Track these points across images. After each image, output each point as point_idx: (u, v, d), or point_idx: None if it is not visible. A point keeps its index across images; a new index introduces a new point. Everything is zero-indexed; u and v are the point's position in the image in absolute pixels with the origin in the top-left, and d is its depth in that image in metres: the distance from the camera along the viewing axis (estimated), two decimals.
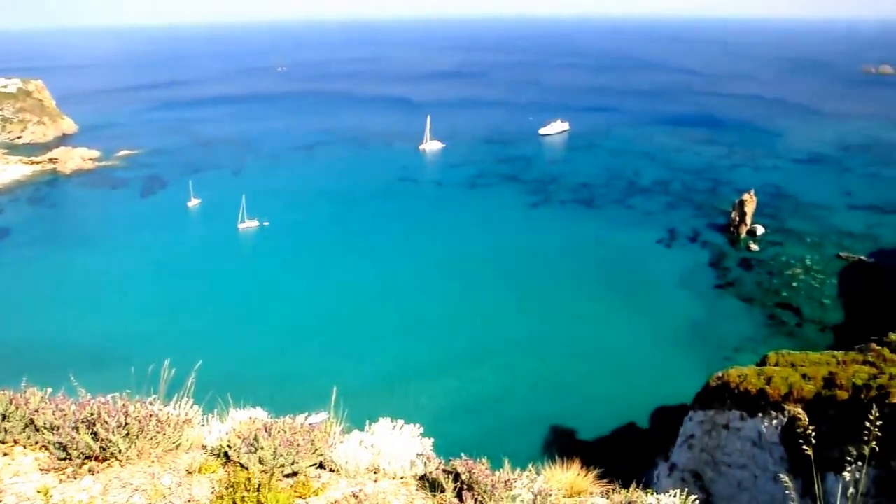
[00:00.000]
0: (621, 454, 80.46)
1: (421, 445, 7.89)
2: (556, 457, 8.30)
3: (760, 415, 53.46)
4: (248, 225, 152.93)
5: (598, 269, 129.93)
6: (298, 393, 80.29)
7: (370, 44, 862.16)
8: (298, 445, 8.26)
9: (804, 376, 53.08)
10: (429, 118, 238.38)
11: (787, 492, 4.62)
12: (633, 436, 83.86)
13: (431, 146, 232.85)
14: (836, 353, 70.59)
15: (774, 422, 50.86)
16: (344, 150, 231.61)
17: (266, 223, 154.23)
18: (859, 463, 44.13)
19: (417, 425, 7.94)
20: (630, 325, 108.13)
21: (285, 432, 8.45)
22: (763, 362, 65.62)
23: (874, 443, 4.46)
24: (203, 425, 9.59)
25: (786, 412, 50.07)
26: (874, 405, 35.75)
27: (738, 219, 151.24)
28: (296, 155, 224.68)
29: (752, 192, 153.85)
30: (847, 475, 42.98)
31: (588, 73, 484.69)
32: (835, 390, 47.42)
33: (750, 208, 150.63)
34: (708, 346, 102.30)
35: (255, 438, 8.25)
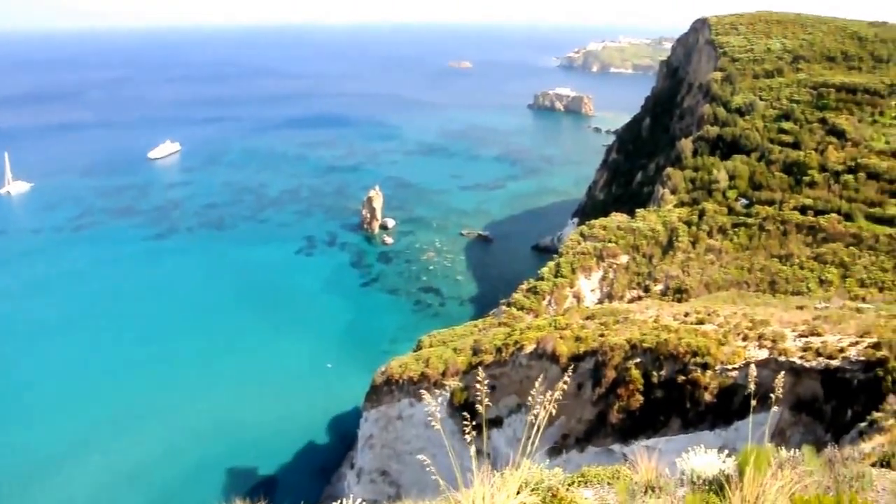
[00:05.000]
0: (305, 475, 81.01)
1: None
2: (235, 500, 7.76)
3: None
4: None
5: (244, 293, 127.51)
6: None
7: None
8: None
9: (455, 350, 59.44)
10: (7, 155, 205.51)
11: (428, 468, 4.95)
12: (316, 451, 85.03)
13: (16, 188, 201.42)
14: (476, 322, 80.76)
15: (440, 399, 55.95)
16: None
17: None
18: (513, 415, 51.09)
19: None
20: (289, 342, 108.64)
21: None
22: (419, 347, 71.88)
23: (487, 400, 4.96)
24: None
25: (447, 387, 55.49)
26: (480, 367, 41.29)
27: (369, 216, 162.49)
28: None
29: (378, 188, 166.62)
30: (488, 431, 49.10)
31: (198, 85, 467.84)
32: (482, 356, 53.96)
33: (378, 203, 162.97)
34: (367, 344, 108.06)
35: None
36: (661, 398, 41.00)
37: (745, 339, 39.52)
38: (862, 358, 32.53)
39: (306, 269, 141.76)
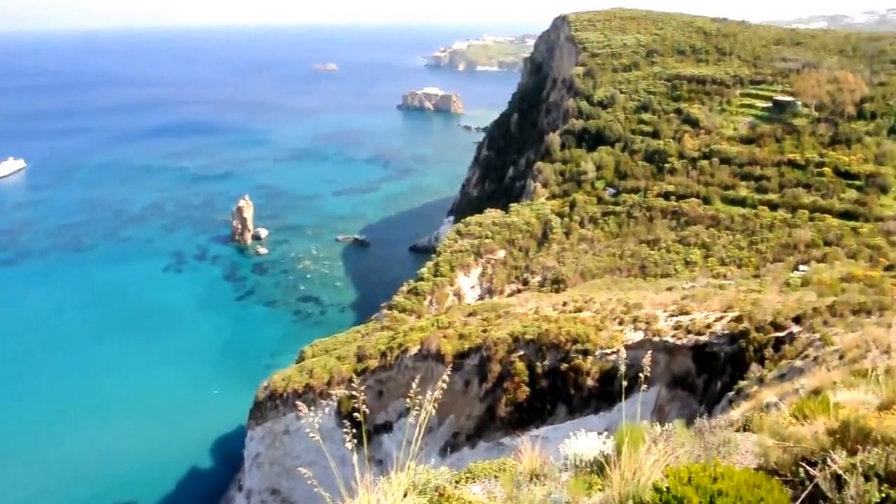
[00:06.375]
0: (190, 503, 77.64)
1: None
2: None
3: (313, 408, 57.36)
4: None
5: (111, 318, 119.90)
6: None
7: None
8: None
9: (340, 358, 58.83)
10: None
11: (309, 482, 4.86)
12: (200, 477, 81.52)
13: None
14: (359, 328, 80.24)
15: (327, 409, 55.18)
16: None
17: None
18: (402, 419, 51.14)
19: None
20: (164, 365, 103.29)
21: None
22: (301, 358, 70.55)
23: (364, 406, 4.97)
24: None
25: (334, 396, 54.80)
26: (363, 374, 41.39)
27: (240, 227, 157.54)
28: None
29: (248, 197, 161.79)
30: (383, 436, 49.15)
31: (43, 96, 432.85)
32: (367, 361, 53.72)
33: (249, 213, 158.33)
34: (247, 359, 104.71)
35: None
36: (546, 387, 42.39)
37: (621, 323, 41.56)
38: (727, 332, 35.04)
39: (177, 286, 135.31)
